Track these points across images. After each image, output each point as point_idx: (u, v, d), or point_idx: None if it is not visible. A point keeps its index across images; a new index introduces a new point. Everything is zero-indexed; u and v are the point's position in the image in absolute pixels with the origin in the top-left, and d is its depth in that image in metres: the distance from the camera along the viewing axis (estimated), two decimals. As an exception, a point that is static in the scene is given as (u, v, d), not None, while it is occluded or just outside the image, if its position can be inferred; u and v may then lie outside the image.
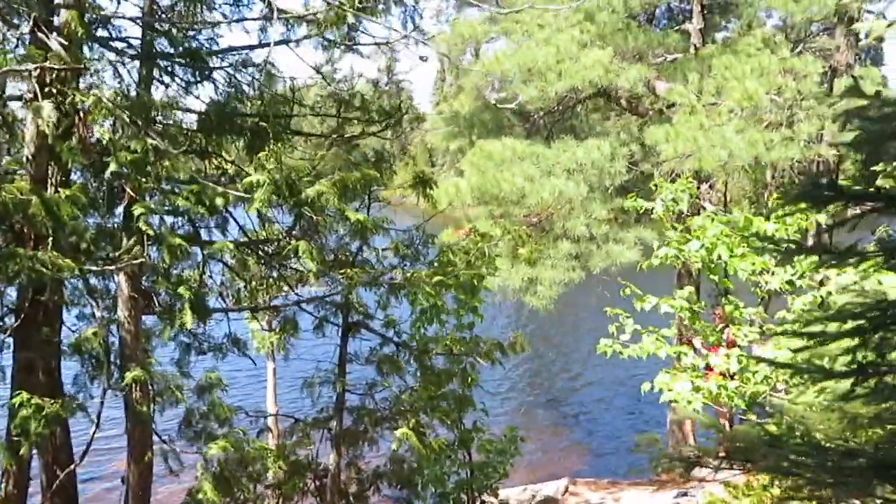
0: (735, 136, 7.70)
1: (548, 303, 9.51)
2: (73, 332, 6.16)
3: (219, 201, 4.79)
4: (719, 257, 7.00)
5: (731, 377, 6.81)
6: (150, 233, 4.67)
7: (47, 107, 3.87)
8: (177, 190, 4.83)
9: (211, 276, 7.20)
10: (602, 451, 13.39)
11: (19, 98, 4.92)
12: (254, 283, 7.45)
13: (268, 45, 6.12)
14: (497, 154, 9.82)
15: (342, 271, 5.28)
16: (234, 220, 5.77)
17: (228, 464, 4.99)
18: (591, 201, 9.42)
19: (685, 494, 9.35)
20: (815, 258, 6.97)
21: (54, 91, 4.37)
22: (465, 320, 7.46)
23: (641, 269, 7.97)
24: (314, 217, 4.92)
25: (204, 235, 6.45)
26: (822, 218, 6.23)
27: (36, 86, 4.47)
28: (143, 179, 4.73)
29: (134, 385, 5.18)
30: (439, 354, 6.22)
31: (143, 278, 6.42)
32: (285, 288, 7.04)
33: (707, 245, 7.19)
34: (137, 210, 4.62)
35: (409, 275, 5.50)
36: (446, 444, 7.52)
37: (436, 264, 5.83)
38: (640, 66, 9.85)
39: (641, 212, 7.97)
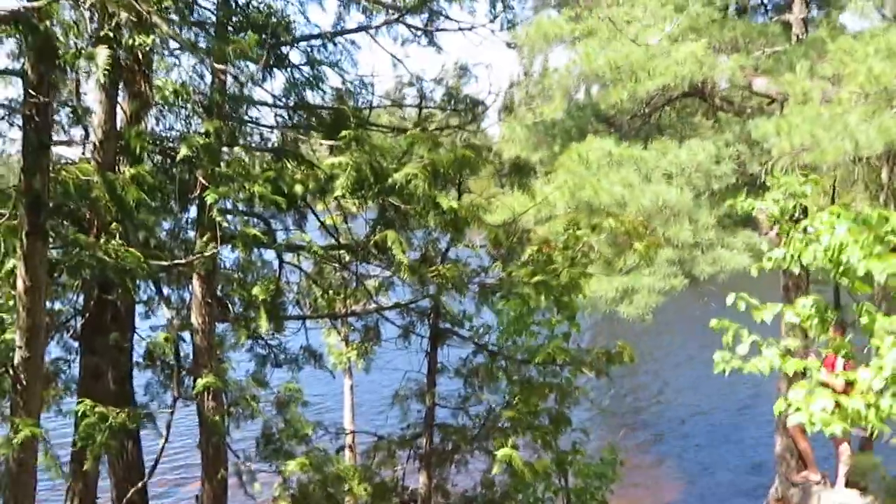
0: (862, 123, 6.73)
1: (645, 312, 8.60)
2: (146, 340, 5.76)
3: (297, 189, 4.25)
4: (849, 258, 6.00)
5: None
6: (223, 223, 4.15)
7: (102, 53, 3.39)
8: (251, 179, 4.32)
9: (287, 283, 6.72)
10: (703, 481, 12.20)
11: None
12: (331, 291, 6.92)
13: (346, 31, 5.62)
14: (592, 157, 9.02)
15: (432, 270, 4.64)
16: (315, 214, 5.21)
17: (308, 484, 4.38)
18: (697, 207, 8.51)
19: (807, 529, 8.20)
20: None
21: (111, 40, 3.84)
22: (558, 330, 6.72)
23: (749, 276, 7.01)
24: (402, 206, 4.32)
25: (280, 239, 5.98)
26: None
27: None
28: (216, 168, 4.25)
29: (206, 394, 4.66)
30: (540, 365, 5.48)
31: (219, 287, 5.99)
32: (365, 297, 6.48)
33: (836, 245, 6.20)
34: (210, 197, 4.12)
35: (507, 273, 4.81)
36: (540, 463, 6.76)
37: (532, 263, 5.12)
38: (738, 57, 8.91)
39: (752, 212, 7.01)
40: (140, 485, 4.99)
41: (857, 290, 6.38)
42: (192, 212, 5.26)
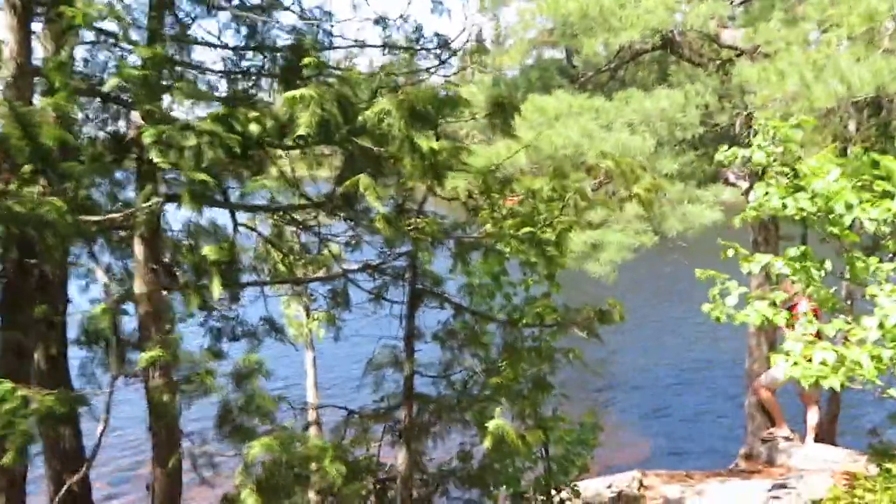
0: (854, 65, 6.35)
1: (611, 270, 8.18)
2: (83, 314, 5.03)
3: (253, 128, 3.58)
4: (846, 205, 5.63)
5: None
6: (164, 164, 3.46)
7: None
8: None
9: (242, 248, 6.03)
10: (673, 437, 12.02)
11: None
12: (293, 256, 6.26)
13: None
14: (551, 109, 8.51)
15: (408, 223, 4.05)
16: (275, 165, 4.53)
17: (275, 467, 3.79)
18: (659, 156, 8.09)
19: (783, 486, 7.98)
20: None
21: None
22: (536, 290, 6.22)
23: (718, 233, 6.58)
24: (374, 150, 3.70)
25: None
26: None
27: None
28: (155, 107, 3.55)
29: (153, 369, 4.01)
30: (528, 326, 4.95)
31: (167, 254, 5.28)
32: (330, 261, 5.84)
33: (826, 191, 5.83)
34: (147, 136, 3.42)
35: (493, 225, 4.25)
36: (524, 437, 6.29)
37: (515, 213, 4.56)
38: (710, 4, 8.47)
39: (730, 162, 6.56)
40: (79, 475, 4.32)
41: (846, 238, 6.03)
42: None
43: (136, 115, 3.73)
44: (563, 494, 6.67)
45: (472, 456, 5.85)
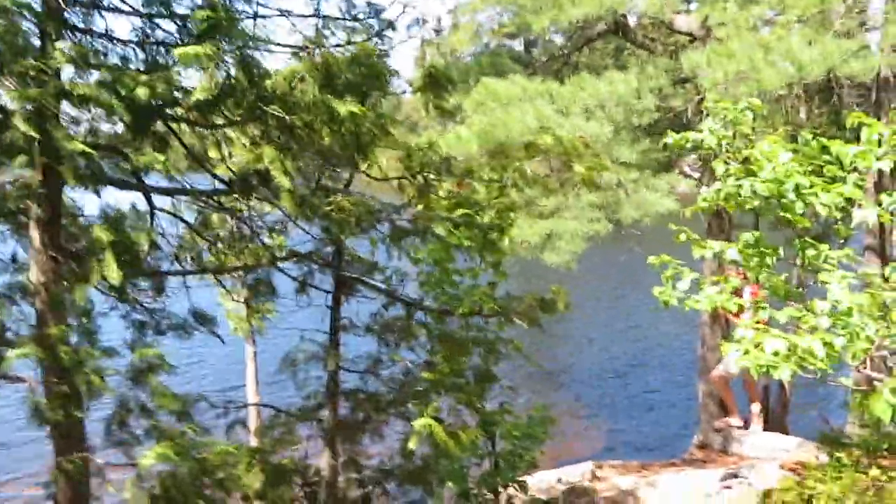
0: (805, 47, 6.11)
1: (570, 259, 7.87)
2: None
3: (141, 92, 3.11)
4: (797, 189, 5.37)
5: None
6: (31, 132, 2.96)
7: None
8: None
9: (162, 234, 5.53)
10: (628, 427, 11.81)
11: None
12: (220, 243, 5.77)
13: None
14: (504, 93, 8.16)
15: (329, 202, 3.62)
16: (180, 140, 4.02)
17: (173, 477, 3.34)
18: (617, 143, 7.80)
19: (735, 476, 7.76)
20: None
21: None
22: (482, 279, 5.86)
23: (673, 221, 6.30)
24: (285, 118, 3.26)
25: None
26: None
27: None
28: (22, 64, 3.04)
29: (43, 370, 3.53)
30: (464, 316, 4.56)
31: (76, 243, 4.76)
32: (260, 249, 5.37)
33: (778, 176, 5.57)
34: (12, 99, 2.92)
35: (423, 207, 3.85)
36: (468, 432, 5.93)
37: (452, 195, 4.17)
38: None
39: (686, 147, 6.26)
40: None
41: (798, 224, 5.79)
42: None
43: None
44: (511, 490, 6.35)
45: (413, 453, 5.46)
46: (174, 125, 3.67)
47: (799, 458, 7.79)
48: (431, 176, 4.28)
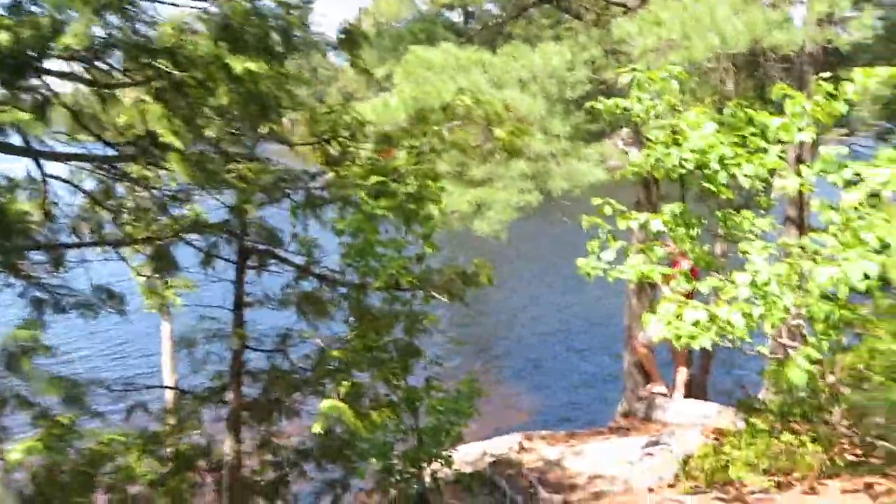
0: (731, 17, 6.04)
1: (500, 229, 7.71)
2: None
3: (3, 38, 2.69)
4: (722, 159, 5.32)
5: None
6: None
7: None
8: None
9: (57, 204, 5.06)
10: (556, 397, 11.87)
11: None
12: (125, 213, 5.32)
13: None
14: (436, 61, 7.85)
15: (230, 168, 3.29)
16: (56, 96, 3.56)
17: (52, 472, 2.99)
18: (551, 116, 7.64)
19: (657, 443, 7.86)
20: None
21: None
22: (409, 252, 5.62)
23: (603, 193, 6.19)
24: (174, 73, 2.91)
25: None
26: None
27: None
28: None
29: None
30: (379, 289, 4.31)
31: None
32: (169, 221, 4.96)
33: (703, 146, 5.51)
34: None
35: (337, 174, 3.55)
36: (391, 410, 5.72)
37: (371, 162, 3.89)
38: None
39: (614, 114, 6.15)
40: None
41: (721, 194, 5.76)
42: None
43: None
44: (436, 465, 6.21)
45: (331, 431, 5.22)
46: (51, 80, 3.25)
47: (718, 424, 7.95)
48: (347, 142, 3.98)
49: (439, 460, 6.20)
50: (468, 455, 8.76)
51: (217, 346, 4.07)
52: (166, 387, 4.21)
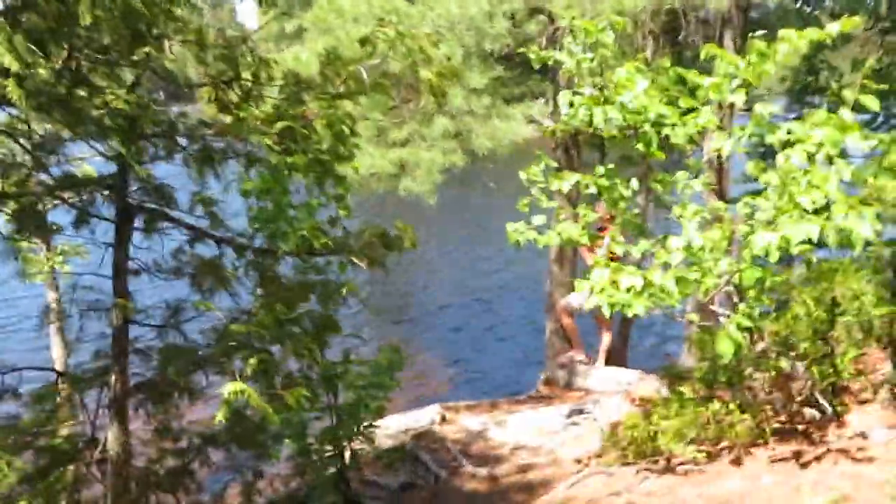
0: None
1: (429, 189, 7.26)
2: None
3: None
4: (659, 117, 5.05)
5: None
6: None
7: None
8: None
9: None
10: (479, 366, 11.61)
11: None
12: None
13: None
14: (348, 9, 7.24)
15: (97, 104, 2.66)
16: None
17: None
18: (468, 69, 7.19)
19: (580, 412, 7.73)
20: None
21: None
22: (323, 215, 5.09)
23: (528, 155, 5.83)
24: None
25: None
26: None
27: None
28: None
29: None
30: (291, 255, 3.77)
31: None
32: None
33: (637, 106, 5.21)
34: None
35: (236, 118, 2.97)
36: (307, 388, 5.22)
37: (280, 102, 3.32)
38: None
39: (547, 63, 5.76)
40: None
41: (653, 156, 5.51)
42: None
43: None
44: (356, 444, 5.79)
45: (239, 412, 4.67)
46: None
47: (641, 391, 7.87)
48: (250, 85, 3.39)
49: (359, 438, 5.78)
50: (389, 429, 8.38)
51: (100, 321, 3.45)
52: (37, 368, 3.56)
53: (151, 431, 3.98)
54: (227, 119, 3.11)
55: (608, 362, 9.39)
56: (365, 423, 5.73)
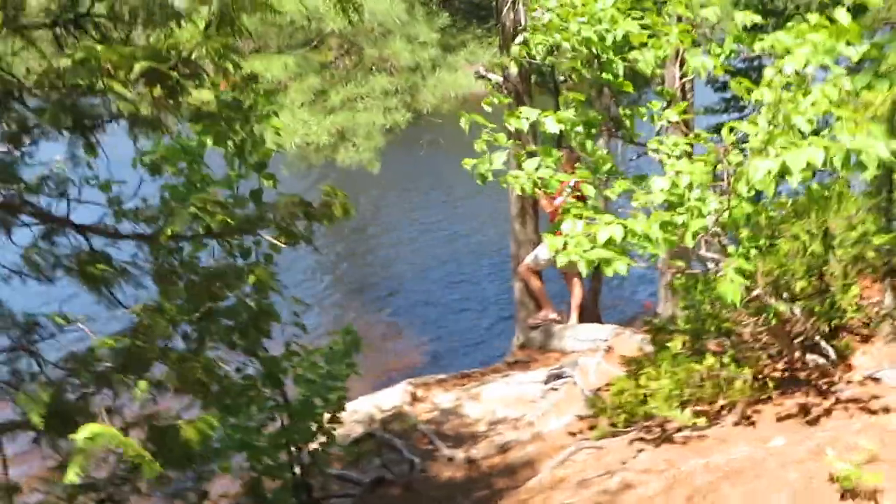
0: None
1: (370, 157, 6.41)
2: None
3: None
4: (625, 39, 4.29)
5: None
6: None
7: None
8: None
9: None
10: (447, 336, 10.85)
11: None
12: None
13: None
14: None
15: None
16: None
17: None
18: (413, 21, 6.30)
19: (559, 377, 7.07)
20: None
21: None
22: (244, 189, 4.25)
23: (477, 109, 5.00)
24: None
25: None
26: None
27: None
28: None
29: None
30: (178, 239, 2.90)
31: None
32: None
33: (598, 30, 4.43)
34: None
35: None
36: (247, 388, 4.42)
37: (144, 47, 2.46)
38: None
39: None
40: None
41: (619, 87, 4.78)
42: None
43: None
44: (314, 445, 5.03)
45: (164, 429, 3.85)
46: None
47: (619, 347, 7.25)
48: (107, 23, 2.51)
49: (318, 436, 5.02)
50: (358, 412, 7.63)
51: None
52: None
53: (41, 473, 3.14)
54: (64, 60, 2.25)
55: (581, 319, 8.76)
56: (322, 420, 4.97)
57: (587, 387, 6.59)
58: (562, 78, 8.80)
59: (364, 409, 7.59)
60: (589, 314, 9.20)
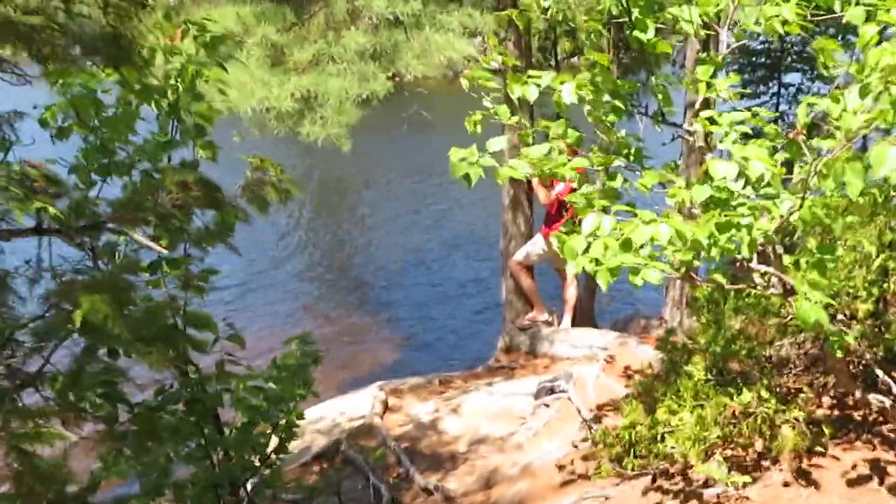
0: None
1: (341, 133, 5.33)
2: None
3: None
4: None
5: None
6: None
7: None
8: None
9: None
10: (425, 338, 9.78)
11: None
12: None
13: None
14: None
15: None
16: None
17: None
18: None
19: (551, 391, 6.07)
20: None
21: None
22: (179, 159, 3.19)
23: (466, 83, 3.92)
24: None
25: None
26: None
27: None
28: None
29: None
30: (28, 234, 1.86)
31: None
32: None
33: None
34: None
35: None
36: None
37: None
38: None
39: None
40: None
41: (654, 50, 3.76)
42: None
43: None
44: (258, 478, 4.00)
45: (52, 471, 2.82)
46: None
47: (621, 357, 6.31)
48: None
49: (262, 472, 3.99)
50: (322, 421, 6.61)
51: None
52: None
53: None
54: None
55: (575, 321, 7.81)
56: (267, 451, 3.94)
57: (585, 404, 5.65)
58: (562, 56, 7.69)
59: (329, 415, 6.57)
60: (583, 316, 8.26)
